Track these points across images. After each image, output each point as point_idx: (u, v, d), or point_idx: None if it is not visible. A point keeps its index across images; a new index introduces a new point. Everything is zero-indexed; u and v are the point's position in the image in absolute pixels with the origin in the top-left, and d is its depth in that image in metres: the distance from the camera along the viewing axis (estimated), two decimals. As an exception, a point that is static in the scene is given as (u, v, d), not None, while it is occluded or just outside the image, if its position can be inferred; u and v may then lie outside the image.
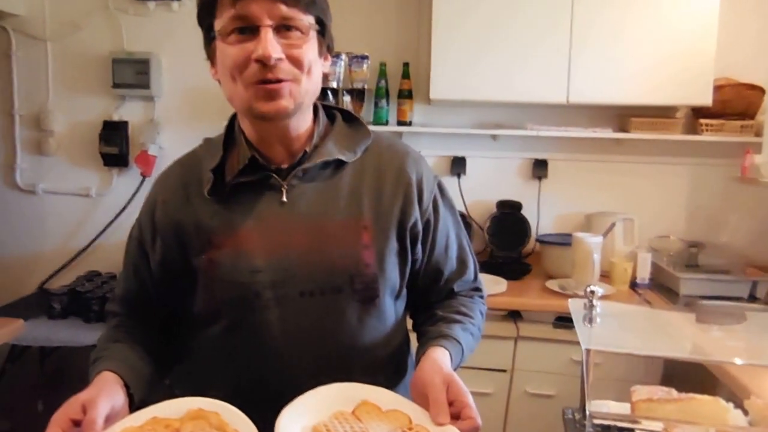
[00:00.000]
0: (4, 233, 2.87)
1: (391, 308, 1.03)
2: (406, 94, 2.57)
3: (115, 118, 2.76)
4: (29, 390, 2.57)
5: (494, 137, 2.66)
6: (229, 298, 0.97)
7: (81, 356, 2.55)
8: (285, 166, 0.99)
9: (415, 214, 1.02)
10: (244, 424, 0.82)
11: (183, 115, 2.75)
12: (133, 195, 2.75)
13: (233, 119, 1.04)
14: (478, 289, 1.14)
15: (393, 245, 1.00)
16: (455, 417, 0.82)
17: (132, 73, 2.69)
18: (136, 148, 2.75)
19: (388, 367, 1.06)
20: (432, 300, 1.10)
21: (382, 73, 2.58)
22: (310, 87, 0.94)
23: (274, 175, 0.98)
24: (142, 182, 2.74)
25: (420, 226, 1.02)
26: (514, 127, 2.55)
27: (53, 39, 2.76)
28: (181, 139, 2.72)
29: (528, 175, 2.70)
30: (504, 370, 2.20)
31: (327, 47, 0.98)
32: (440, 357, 0.93)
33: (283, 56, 0.88)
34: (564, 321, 2.14)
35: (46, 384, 2.62)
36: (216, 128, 1.06)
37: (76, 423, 0.81)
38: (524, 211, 2.62)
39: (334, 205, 0.98)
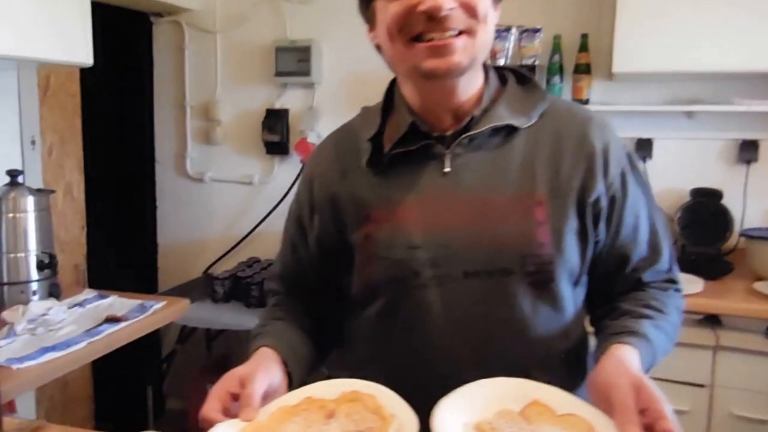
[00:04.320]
0: (176, 220, 3.12)
1: (569, 296, 0.93)
2: (583, 69, 2.41)
3: (277, 106, 2.89)
4: (198, 371, 2.76)
5: (689, 114, 2.40)
6: (386, 276, 0.93)
7: (244, 341, 2.70)
8: (449, 133, 0.93)
9: (599, 188, 0.92)
10: (401, 408, 0.78)
11: (341, 102, 2.81)
12: (293, 182, 2.85)
13: (392, 85, 1.00)
14: (672, 281, 1.00)
15: (572, 223, 0.91)
16: (647, 429, 0.71)
17: (294, 61, 2.79)
18: (296, 136, 2.85)
19: (566, 364, 0.96)
20: (616, 290, 0.99)
21: (557, 47, 2.44)
22: (486, 39, 0.87)
23: (436, 142, 0.92)
24: (301, 170, 2.82)
25: (604, 202, 0.93)
26: (716, 102, 2.29)
27: (222, 31, 2.95)
28: (339, 125, 2.77)
29: (732, 159, 2.41)
30: (702, 385, 1.97)
31: None
32: (627, 356, 0.83)
33: (455, 5, 0.82)
34: (781, 330, 1.87)
35: (213, 366, 2.81)
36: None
37: (235, 397, 0.81)
38: (725, 201, 2.34)
39: (503, 176, 0.91)
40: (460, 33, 0.84)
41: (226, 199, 3.03)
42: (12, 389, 1.47)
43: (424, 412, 0.75)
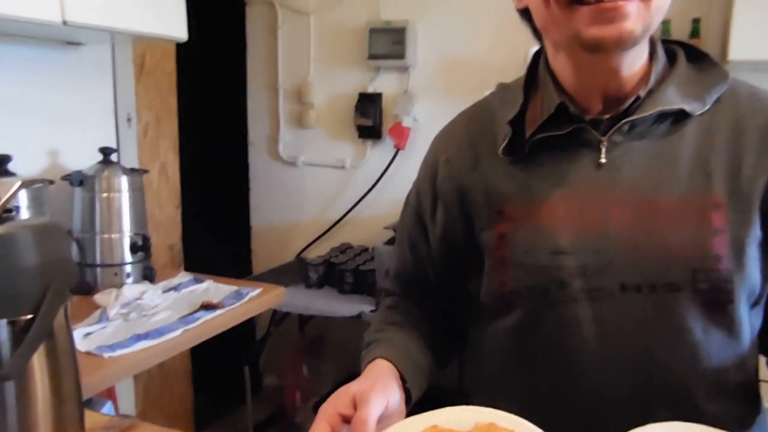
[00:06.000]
0: (268, 203, 3.23)
1: (746, 319, 0.81)
2: (695, 56, 2.34)
3: (370, 89, 2.93)
4: (292, 353, 2.89)
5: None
6: (525, 285, 0.82)
7: (337, 326, 2.80)
8: (606, 117, 0.81)
9: None
10: None
11: (437, 86, 2.81)
12: (386, 168, 2.90)
13: (537, 58, 0.89)
14: None
15: (755, 233, 0.78)
16: None
17: (388, 43, 2.80)
18: (389, 120, 2.89)
19: (740, 398, 0.84)
20: None
21: (666, 33, 2.36)
22: (662, 2, 0.74)
23: (590, 127, 0.81)
24: (395, 155, 2.88)
25: None
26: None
27: (316, 12, 2.99)
28: (435, 110, 2.79)
29: None
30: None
31: None
32: None
33: None
34: None
35: (307, 348, 2.93)
36: (471, 100, 0.96)
37: (346, 419, 0.73)
38: None
39: (671, 172, 0.79)
40: None
41: (319, 184, 3.10)
42: (102, 380, 1.41)
43: None
